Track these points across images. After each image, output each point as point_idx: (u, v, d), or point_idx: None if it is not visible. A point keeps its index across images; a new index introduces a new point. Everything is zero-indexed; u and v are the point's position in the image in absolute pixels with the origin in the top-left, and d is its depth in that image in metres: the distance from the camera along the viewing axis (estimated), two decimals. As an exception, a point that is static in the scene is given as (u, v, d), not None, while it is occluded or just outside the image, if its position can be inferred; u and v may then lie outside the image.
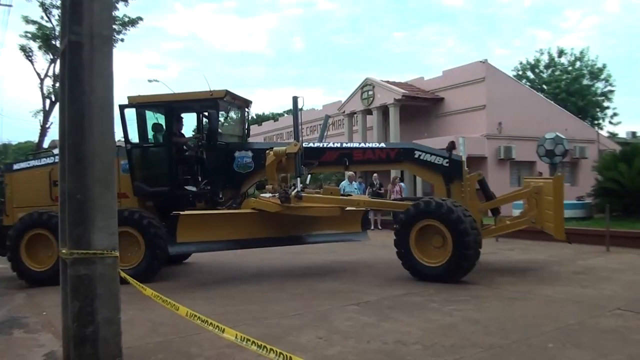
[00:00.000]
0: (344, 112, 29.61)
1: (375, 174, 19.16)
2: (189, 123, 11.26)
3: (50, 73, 27.66)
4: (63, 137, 3.71)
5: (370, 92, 27.29)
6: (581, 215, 16.93)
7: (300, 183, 9.42)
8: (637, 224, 14.03)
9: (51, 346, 5.58)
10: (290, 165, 9.40)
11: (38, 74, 28.21)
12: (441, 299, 7.38)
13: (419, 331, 5.79)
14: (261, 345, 3.41)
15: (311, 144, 10.33)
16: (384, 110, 26.62)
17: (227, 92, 9.93)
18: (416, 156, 9.75)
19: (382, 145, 10.39)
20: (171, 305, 4.20)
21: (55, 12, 25.85)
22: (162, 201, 10.07)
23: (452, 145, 9.77)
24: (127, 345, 4.53)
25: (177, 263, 11.56)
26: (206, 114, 10.20)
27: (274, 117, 48.61)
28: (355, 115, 29.33)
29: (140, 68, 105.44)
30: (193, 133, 11.51)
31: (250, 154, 10.17)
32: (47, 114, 28.55)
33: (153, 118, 10.53)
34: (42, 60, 28.05)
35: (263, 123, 44.58)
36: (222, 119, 10.66)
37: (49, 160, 10.52)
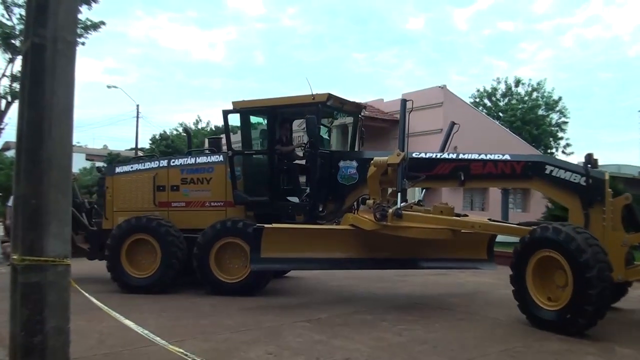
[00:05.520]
0: (303, 128, 29.73)
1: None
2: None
3: (8, 73, 26.93)
4: (20, 140, 3.65)
5: (331, 111, 27.48)
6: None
7: (403, 200, 8.24)
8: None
9: (-6, 354, 5.42)
10: (395, 178, 8.18)
11: (-5, 73, 27.43)
12: (392, 317, 7.46)
13: (368, 349, 5.84)
14: None
15: (422, 154, 8.85)
16: (344, 129, 26.82)
17: (331, 96, 9.21)
18: (547, 172, 7.89)
19: (507, 157, 8.35)
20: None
21: (17, 11, 25.26)
22: (262, 211, 9.57)
23: (590, 159, 7.74)
24: (75, 356, 4.43)
25: (279, 276, 11.02)
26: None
27: (233, 130, 48.31)
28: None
29: (97, 72, 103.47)
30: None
31: (355, 164, 9.23)
32: (1, 114, 27.74)
33: (258, 124, 10.26)
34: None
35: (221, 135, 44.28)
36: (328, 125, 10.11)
37: (153, 164, 10.35)
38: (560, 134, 45.91)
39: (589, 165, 7.60)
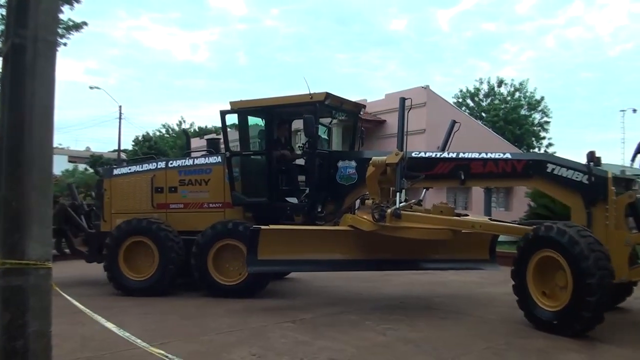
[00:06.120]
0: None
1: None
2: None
3: (-11, 73, 26.52)
4: (0, 142, 3.60)
5: (315, 111, 27.45)
6: (515, 240, 17.43)
7: (403, 200, 8.18)
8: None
9: (-26, 359, 5.35)
10: (394, 178, 7.99)
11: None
12: (376, 317, 7.49)
13: (353, 349, 5.86)
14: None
15: (422, 154, 8.80)
16: (328, 129, 26.87)
17: (328, 95, 9.06)
18: (549, 170, 7.68)
19: (507, 155, 8.33)
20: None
21: (-1, 11, 24.92)
22: (260, 213, 9.45)
23: (592, 157, 7.48)
24: (58, 359, 4.40)
25: (278, 278, 10.95)
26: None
27: (217, 130, 48.19)
28: (299, 133, 29.47)
29: (79, 73, 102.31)
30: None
31: (354, 164, 9.14)
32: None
33: (256, 124, 10.15)
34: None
35: (205, 136, 44.15)
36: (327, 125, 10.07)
37: (151, 166, 10.24)
38: (542, 134, 46.65)
39: (592, 163, 7.40)
